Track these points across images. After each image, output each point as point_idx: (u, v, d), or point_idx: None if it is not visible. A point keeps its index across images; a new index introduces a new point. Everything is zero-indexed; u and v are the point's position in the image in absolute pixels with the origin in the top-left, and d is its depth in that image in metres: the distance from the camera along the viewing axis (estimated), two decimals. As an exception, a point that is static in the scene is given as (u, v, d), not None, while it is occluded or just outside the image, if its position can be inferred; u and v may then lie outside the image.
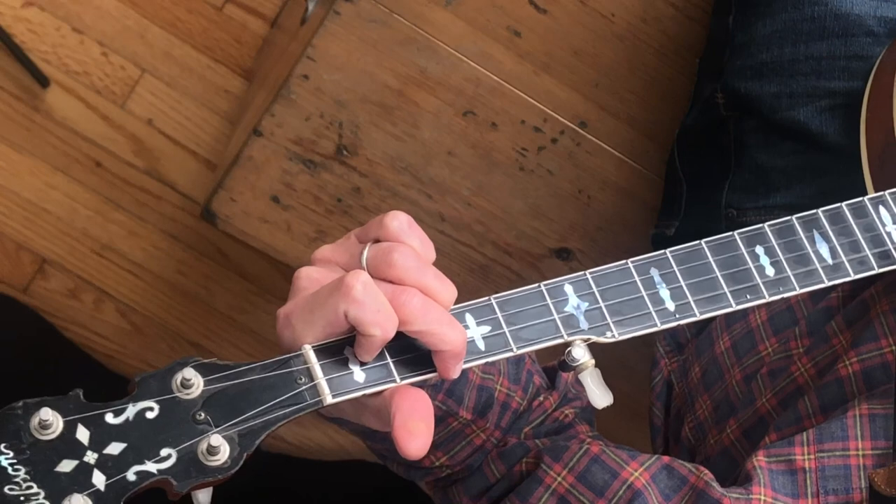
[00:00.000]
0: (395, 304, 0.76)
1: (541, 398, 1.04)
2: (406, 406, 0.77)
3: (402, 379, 0.77)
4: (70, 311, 1.89)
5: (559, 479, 0.95)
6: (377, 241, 0.80)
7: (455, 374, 0.79)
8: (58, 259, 1.89)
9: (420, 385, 0.80)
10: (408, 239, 0.79)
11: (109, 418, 0.71)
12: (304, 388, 0.75)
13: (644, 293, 0.84)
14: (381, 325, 0.76)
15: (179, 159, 1.91)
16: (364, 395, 0.77)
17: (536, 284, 0.82)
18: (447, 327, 0.77)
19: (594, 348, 0.82)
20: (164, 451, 0.71)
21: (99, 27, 1.89)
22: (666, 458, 0.95)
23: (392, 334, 0.76)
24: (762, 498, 0.91)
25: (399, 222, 0.79)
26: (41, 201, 1.88)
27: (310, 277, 0.80)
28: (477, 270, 1.53)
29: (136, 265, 1.90)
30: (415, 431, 0.76)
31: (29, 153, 1.88)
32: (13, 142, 1.87)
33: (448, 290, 0.79)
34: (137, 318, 1.90)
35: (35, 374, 1.81)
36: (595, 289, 0.83)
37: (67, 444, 0.70)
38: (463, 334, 0.78)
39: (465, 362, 0.79)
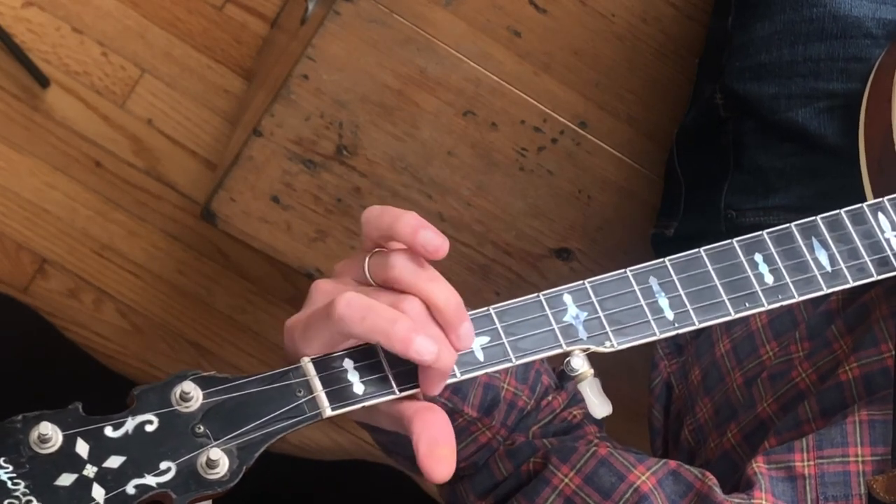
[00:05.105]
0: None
1: (549, 398, 1.04)
2: (428, 436, 0.77)
3: (401, 391, 0.77)
4: (70, 311, 1.88)
5: (566, 480, 0.95)
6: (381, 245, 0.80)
7: (435, 392, 0.78)
8: (58, 259, 1.89)
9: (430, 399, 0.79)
10: (413, 239, 0.77)
11: (109, 432, 0.72)
12: (302, 400, 0.76)
13: (643, 302, 0.83)
14: (379, 333, 0.75)
15: (179, 159, 1.91)
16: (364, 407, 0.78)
17: (535, 294, 0.82)
18: (441, 344, 0.77)
19: (594, 356, 0.82)
20: (163, 465, 0.71)
21: (99, 27, 1.88)
22: (673, 464, 0.95)
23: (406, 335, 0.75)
24: (763, 503, 0.91)
25: (405, 223, 0.78)
26: (41, 201, 1.88)
27: (322, 290, 0.81)
28: (477, 270, 1.52)
29: (136, 265, 1.90)
30: (441, 459, 0.77)
31: (29, 153, 1.88)
32: (13, 142, 1.87)
33: (446, 292, 0.78)
34: (137, 318, 1.90)
35: (35, 375, 1.80)
36: (594, 298, 0.83)
37: (67, 458, 0.70)
38: (451, 357, 0.78)
39: (464, 373, 0.79)
